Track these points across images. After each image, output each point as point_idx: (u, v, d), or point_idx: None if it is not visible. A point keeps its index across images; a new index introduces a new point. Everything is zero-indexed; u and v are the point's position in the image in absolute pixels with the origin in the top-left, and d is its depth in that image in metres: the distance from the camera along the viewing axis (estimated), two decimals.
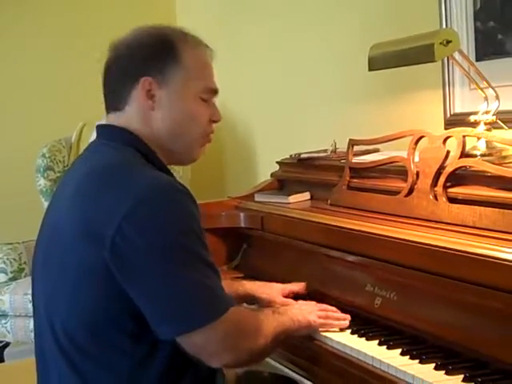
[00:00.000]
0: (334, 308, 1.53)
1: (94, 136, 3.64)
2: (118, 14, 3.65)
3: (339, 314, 1.51)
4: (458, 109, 1.96)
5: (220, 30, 3.21)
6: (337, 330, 1.48)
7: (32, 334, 2.85)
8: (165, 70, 1.32)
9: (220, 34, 3.18)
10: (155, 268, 1.17)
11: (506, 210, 1.36)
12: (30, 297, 2.86)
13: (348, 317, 1.50)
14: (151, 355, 1.23)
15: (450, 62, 1.87)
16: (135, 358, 1.23)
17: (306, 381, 1.57)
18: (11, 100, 3.51)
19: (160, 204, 1.19)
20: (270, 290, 1.67)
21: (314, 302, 1.54)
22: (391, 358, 1.31)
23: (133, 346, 1.22)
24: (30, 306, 2.84)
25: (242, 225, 2.02)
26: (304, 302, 1.57)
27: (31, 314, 2.83)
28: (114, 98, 1.35)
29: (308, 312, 1.47)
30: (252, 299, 1.68)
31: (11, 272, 3.08)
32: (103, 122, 1.40)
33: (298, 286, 1.70)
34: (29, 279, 3.01)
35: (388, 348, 1.36)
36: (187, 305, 1.18)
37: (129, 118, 1.34)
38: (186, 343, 1.21)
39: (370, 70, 1.76)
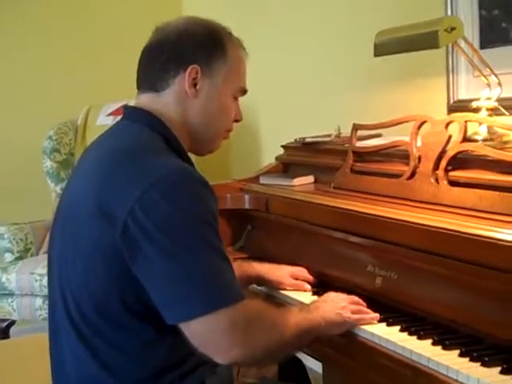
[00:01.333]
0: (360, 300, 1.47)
1: (100, 119, 3.66)
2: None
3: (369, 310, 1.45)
4: (462, 95, 2.00)
5: (225, 18, 3.22)
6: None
7: (37, 313, 2.94)
8: (211, 62, 1.36)
9: (225, 20, 3.20)
10: (163, 252, 1.17)
11: (505, 193, 1.39)
12: (35, 276, 2.92)
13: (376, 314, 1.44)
14: (159, 336, 1.25)
15: (455, 49, 1.89)
16: (143, 338, 1.24)
17: (308, 357, 1.62)
18: (18, 83, 3.54)
19: (172, 189, 1.19)
20: (280, 272, 1.69)
21: (344, 295, 1.47)
22: (390, 334, 1.35)
23: (141, 326, 1.24)
24: (36, 285, 2.91)
25: (247, 206, 2.05)
26: (334, 294, 1.48)
27: (37, 293, 2.92)
28: (155, 79, 1.37)
29: (341, 307, 1.41)
30: (261, 280, 1.71)
31: (17, 252, 3.12)
32: (131, 102, 1.42)
33: (305, 275, 1.72)
34: (35, 259, 3.10)
35: (388, 325, 1.40)
36: (189, 290, 1.17)
37: (165, 100, 1.36)
38: (188, 332, 1.19)
39: (375, 55, 1.79)
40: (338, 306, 1.41)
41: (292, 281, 1.70)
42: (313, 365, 1.92)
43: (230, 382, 1.37)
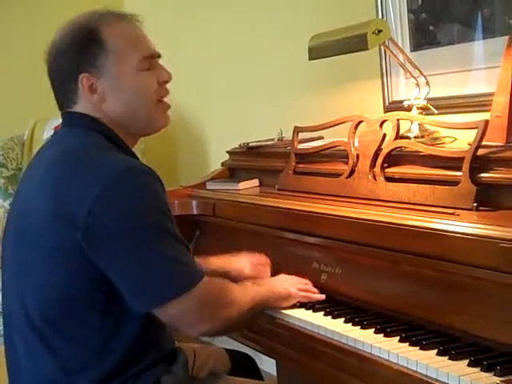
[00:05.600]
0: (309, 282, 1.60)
1: (46, 133, 3.63)
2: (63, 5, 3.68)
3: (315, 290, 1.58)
4: (398, 96, 2.07)
5: (169, 22, 3.27)
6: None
7: None
8: (96, 62, 1.36)
9: (168, 26, 3.25)
10: (128, 245, 1.25)
11: (436, 186, 1.47)
12: None
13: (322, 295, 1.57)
14: (118, 330, 1.30)
15: (388, 52, 1.97)
16: (104, 333, 1.30)
17: (257, 353, 1.66)
18: None
19: (128, 185, 1.27)
20: (238, 263, 1.72)
21: (294, 277, 1.59)
22: (335, 325, 1.41)
23: (101, 320, 1.29)
24: None
25: (195, 212, 2.10)
26: (287, 275, 1.61)
27: None
28: (64, 98, 1.41)
29: (289, 284, 1.55)
30: (220, 274, 1.70)
31: None
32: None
33: (264, 260, 1.73)
34: None
35: (333, 318, 1.46)
36: (161, 277, 1.26)
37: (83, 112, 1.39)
38: (163, 314, 1.28)
39: (310, 59, 1.85)
40: (287, 282, 1.55)
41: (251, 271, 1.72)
42: (267, 364, 1.98)
43: (185, 380, 1.41)
